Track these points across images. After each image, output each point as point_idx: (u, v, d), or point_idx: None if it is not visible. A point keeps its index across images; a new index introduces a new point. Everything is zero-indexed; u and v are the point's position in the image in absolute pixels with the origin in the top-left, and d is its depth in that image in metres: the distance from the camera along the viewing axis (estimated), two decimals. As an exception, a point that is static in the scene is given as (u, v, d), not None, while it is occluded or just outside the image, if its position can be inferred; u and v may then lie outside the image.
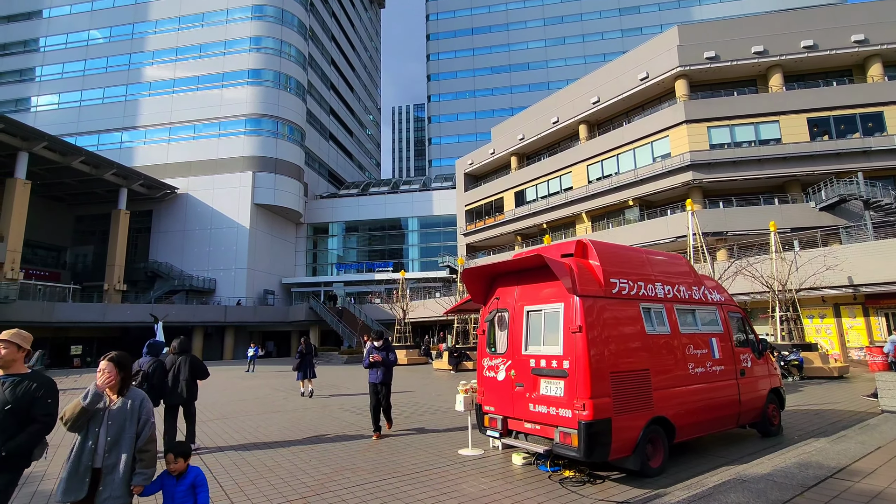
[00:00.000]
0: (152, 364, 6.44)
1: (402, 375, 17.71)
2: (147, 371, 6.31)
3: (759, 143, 28.52)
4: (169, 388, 6.47)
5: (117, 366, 3.06)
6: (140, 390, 3.22)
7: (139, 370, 6.32)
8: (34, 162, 33.25)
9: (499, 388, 5.29)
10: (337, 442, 6.86)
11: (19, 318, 29.93)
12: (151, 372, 6.33)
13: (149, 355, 6.64)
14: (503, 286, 5.54)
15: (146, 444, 3.02)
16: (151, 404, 3.20)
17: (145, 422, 3.07)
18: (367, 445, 6.49)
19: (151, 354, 6.67)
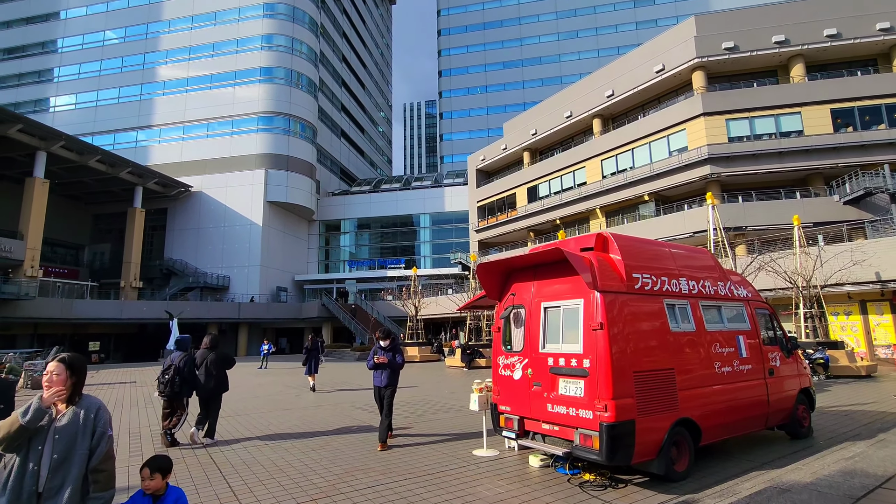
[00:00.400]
0: (183, 358, 6.78)
1: (415, 372, 17.59)
2: (178, 365, 6.67)
3: (779, 136, 27.76)
4: (202, 380, 6.85)
5: (69, 368, 2.54)
6: (96, 398, 2.67)
7: (171, 364, 6.69)
8: (52, 161, 33.77)
9: (515, 387, 5.09)
10: (349, 441, 6.72)
11: (40, 314, 30.53)
12: (182, 365, 6.69)
13: (178, 350, 6.98)
14: (519, 282, 5.33)
15: (101, 462, 2.45)
16: (109, 414, 2.67)
17: (101, 435, 2.50)
18: (379, 445, 6.34)
19: (180, 349, 6.97)
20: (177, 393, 6.55)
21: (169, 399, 6.58)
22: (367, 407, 9.61)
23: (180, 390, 6.58)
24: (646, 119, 32.41)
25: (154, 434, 7.41)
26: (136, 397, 11.93)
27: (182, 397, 6.67)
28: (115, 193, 41.62)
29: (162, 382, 6.57)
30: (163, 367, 6.73)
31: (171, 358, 6.79)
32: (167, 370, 6.56)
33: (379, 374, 6.49)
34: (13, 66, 51.42)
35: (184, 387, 6.62)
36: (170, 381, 6.48)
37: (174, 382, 6.50)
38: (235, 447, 6.47)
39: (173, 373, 6.53)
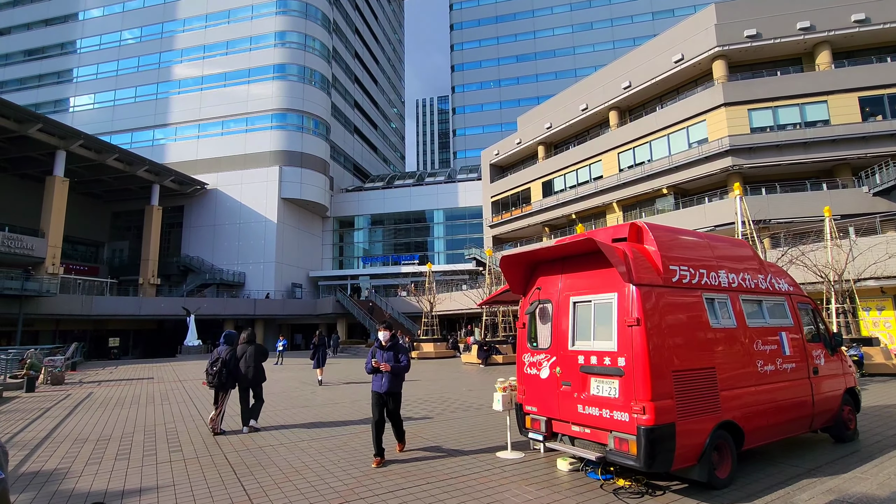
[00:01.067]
0: (229, 352, 7.30)
1: (432, 369, 17.40)
2: (225, 358, 7.20)
3: (804, 126, 26.88)
4: (241, 372, 7.43)
5: None
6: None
7: (218, 357, 7.20)
8: (71, 160, 34.26)
9: (542, 386, 4.81)
10: (367, 441, 6.51)
11: (61, 310, 31.06)
12: (228, 359, 7.24)
13: (225, 345, 7.41)
14: (545, 275, 5.04)
15: None
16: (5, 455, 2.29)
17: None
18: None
19: (228, 344, 7.43)
20: (223, 383, 7.13)
21: (217, 389, 7.18)
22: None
23: (226, 381, 7.16)
24: (664, 110, 31.68)
25: (168, 431, 7.30)
26: (153, 393, 11.92)
27: (227, 388, 7.22)
28: (133, 191, 42.16)
29: (210, 374, 7.13)
30: (210, 360, 7.25)
31: (217, 351, 7.29)
32: (215, 363, 7.13)
33: (379, 378, 5.50)
34: (33, 68, 52.35)
35: (230, 378, 7.20)
36: (217, 372, 7.07)
37: (221, 374, 7.09)
38: (251, 447, 6.31)
39: (220, 365, 7.10)
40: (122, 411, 9.15)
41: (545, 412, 4.77)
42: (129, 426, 7.65)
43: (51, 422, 7.51)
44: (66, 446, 6.35)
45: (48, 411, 9.27)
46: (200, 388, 12.83)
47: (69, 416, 8.75)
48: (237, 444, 6.50)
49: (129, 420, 8.14)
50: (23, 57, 52.90)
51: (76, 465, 5.43)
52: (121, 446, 6.31)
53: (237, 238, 43.65)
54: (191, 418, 8.27)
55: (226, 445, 6.39)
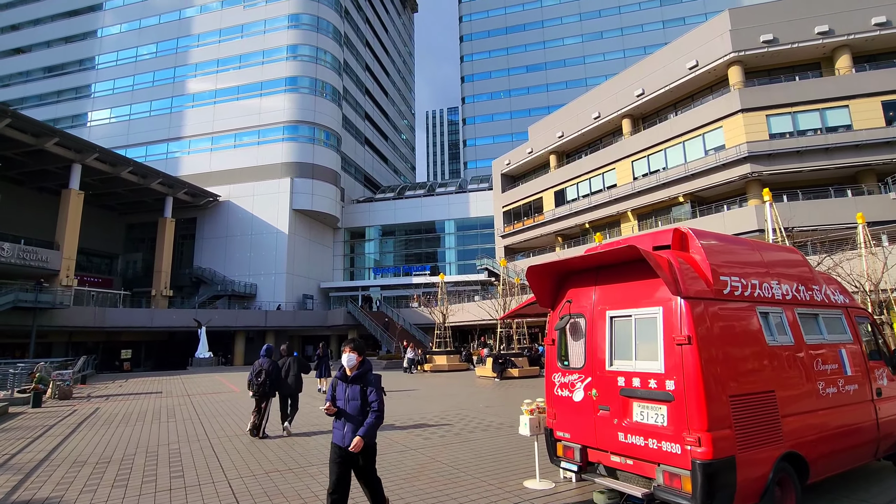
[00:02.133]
0: (271, 364, 8.02)
1: (446, 382, 16.90)
2: (268, 369, 7.90)
3: (826, 131, 26.21)
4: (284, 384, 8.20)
5: None
6: None
7: (261, 369, 7.88)
8: (87, 173, 34.61)
9: (576, 410, 4.35)
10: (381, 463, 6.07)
11: (73, 323, 31.11)
12: (270, 370, 7.95)
13: (266, 357, 8.10)
14: (576, 286, 4.60)
15: None
16: None
17: None
18: (415, 470, 5.65)
19: (268, 356, 8.13)
20: (266, 393, 7.83)
21: (260, 398, 7.83)
22: (399, 422, 8.95)
23: (269, 390, 7.86)
24: (679, 117, 31.19)
25: (171, 453, 6.92)
26: (159, 409, 11.59)
27: (270, 397, 7.91)
28: (146, 204, 42.50)
29: (255, 384, 7.81)
30: (254, 371, 7.93)
31: (259, 363, 7.99)
32: (258, 374, 7.82)
33: (340, 426, 3.88)
34: (53, 84, 53.44)
35: (272, 387, 7.90)
36: (262, 383, 7.77)
37: (265, 384, 7.79)
38: (257, 475, 5.88)
39: (264, 376, 7.80)
40: (126, 429, 8.81)
41: (579, 439, 4.30)
42: (132, 446, 7.28)
43: (51, 441, 7.19)
44: (62, 470, 5.99)
45: (51, 429, 8.96)
46: (207, 403, 12.49)
47: (72, 434, 8.43)
48: (242, 468, 6.09)
49: (132, 439, 7.78)
50: (42, 74, 54.08)
51: (70, 494, 5.06)
52: (120, 470, 5.94)
53: (249, 249, 43.71)
54: (195, 438, 7.89)
55: (230, 470, 5.98)
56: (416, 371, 22.57)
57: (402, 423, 8.79)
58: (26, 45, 55.05)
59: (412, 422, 8.93)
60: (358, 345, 4.08)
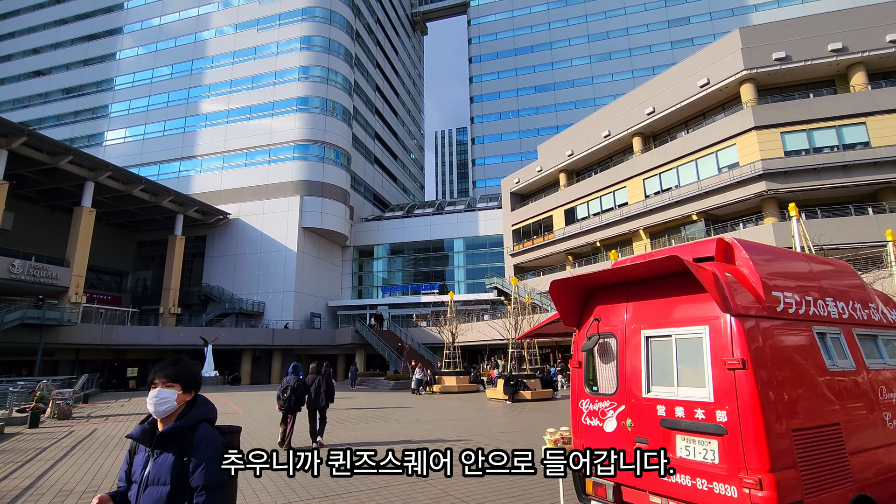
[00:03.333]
0: (296, 381, 8.84)
1: (455, 405, 16.29)
2: (293, 386, 8.70)
3: (843, 148, 25.75)
4: (312, 398, 8.98)
5: None
6: None
7: (287, 385, 8.69)
8: (99, 191, 34.92)
9: (608, 442, 3.88)
10: (389, 497, 5.58)
11: (81, 340, 30.94)
12: (296, 387, 8.76)
13: (292, 374, 8.95)
14: (605, 303, 4.18)
15: None
16: None
17: None
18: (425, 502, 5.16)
19: (294, 374, 8.97)
20: (292, 407, 8.59)
21: (286, 412, 8.58)
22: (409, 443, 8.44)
23: (295, 405, 8.64)
24: (691, 135, 30.90)
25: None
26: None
27: (296, 411, 8.67)
28: (157, 221, 42.76)
29: (282, 399, 8.61)
30: (281, 388, 8.76)
31: (286, 381, 8.79)
32: (285, 390, 8.64)
33: None
34: (70, 105, 54.65)
35: (297, 403, 8.69)
36: (288, 398, 8.55)
37: (291, 399, 8.56)
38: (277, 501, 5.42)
39: (290, 392, 8.57)
40: (121, 454, 8.38)
41: (612, 476, 3.82)
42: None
43: (41, 466, 6.78)
44: (45, 501, 5.58)
45: (43, 452, 8.57)
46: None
47: (63, 458, 8.02)
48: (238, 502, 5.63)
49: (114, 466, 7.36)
50: (61, 95, 55.36)
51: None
52: (108, 500, 5.51)
53: (257, 267, 43.63)
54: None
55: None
56: (425, 392, 21.95)
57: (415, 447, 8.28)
58: (46, 68, 56.55)
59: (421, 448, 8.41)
60: (181, 370, 2.17)
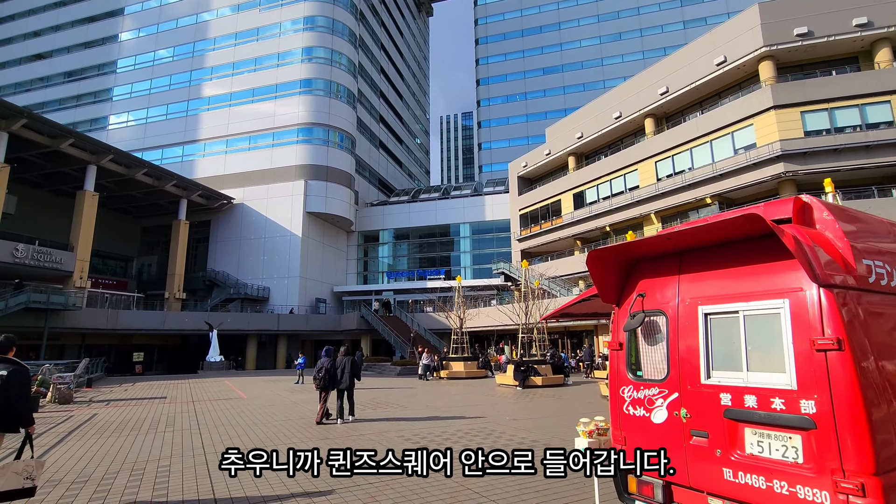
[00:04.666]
0: (330, 362, 9.77)
1: (464, 391, 15.89)
2: (327, 367, 9.65)
3: (865, 128, 24.81)
4: (339, 378, 9.72)
5: None
6: None
7: (322, 367, 9.70)
8: (102, 175, 34.54)
9: (656, 435, 3.36)
10: (402, 491, 5.13)
11: (86, 325, 30.83)
12: (329, 367, 9.67)
13: (326, 357, 9.94)
14: (652, 276, 3.62)
15: None
16: None
17: None
18: (445, 503, 4.70)
19: (327, 356, 9.95)
20: (325, 386, 9.62)
21: (321, 390, 9.67)
22: (419, 438, 8.01)
23: (328, 384, 9.60)
24: (706, 116, 29.94)
25: (160, 471, 6.07)
26: (159, 417, 10.80)
27: (329, 389, 9.67)
28: (161, 206, 42.41)
29: (317, 378, 9.70)
30: (316, 369, 9.88)
31: (321, 363, 9.84)
32: (319, 370, 9.70)
33: None
34: (72, 88, 54.05)
35: (330, 382, 9.62)
36: (322, 377, 9.58)
37: (325, 379, 9.58)
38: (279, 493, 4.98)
39: (324, 373, 9.58)
40: (118, 441, 8.00)
41: (661, 473, 3.31)
42: (118, 462, 6.44)
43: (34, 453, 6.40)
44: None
45: (39, 437, 8.20)
46: (211, 411, 11.69)
47: (58, 445, 7.66)
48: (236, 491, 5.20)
49: (119, 453, 6.96)
50: (62, 78, 54.74)
51: None
52: (96, 492, 5.09)
53: (262, 252, 43.30)
54: (190, 453, 7.02)
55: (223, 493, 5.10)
56: (432, 378, 21.60)
57: (423, 439, 7.84)
58: (47, 51, 55.86)
59: (433, 436, 7.96)
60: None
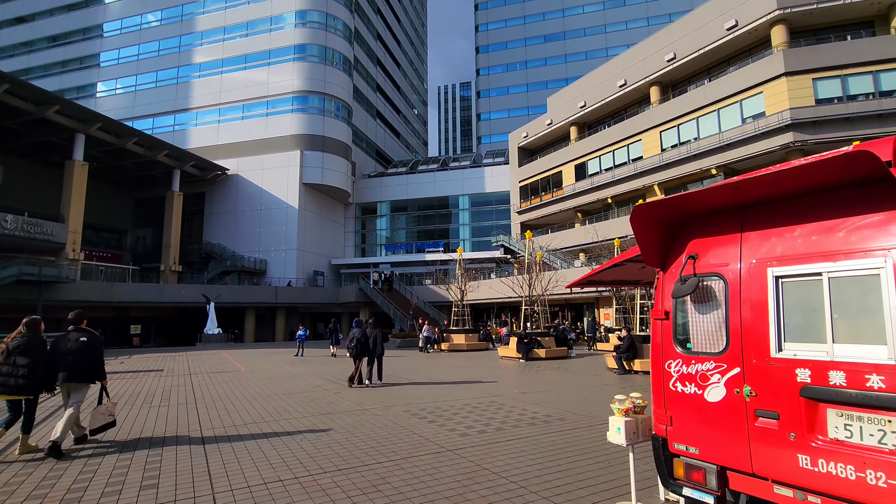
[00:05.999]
0: (361, 333, 10.73)
1: (467, 363, 15.66)
2: (359, 337, 10.63)
3: (879, 96, 24.06)
4: (370, 347, 10.81)
5: None
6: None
7: (354, 336, 10.68)
8: (92, 145, 33.51)
9: (710, 414, 2.94)
10: (413, 472, 4.77)
11: (81, 297, 30.38)
12: (361, 337, 10.66)
13: (357, 328, 10.87)
14: (706, 234, 3.15)
15: None
16: None
17: None
18: (460, 484, 4.34)
19: (359, 327, 10.91)
20: (357, 354, 10.59)
21: (354, 357, 10.63)
22: (426, 412, 7.69)
23: (360, 353, 10.59)
24: (714, 83, 29.02)
25: (153, 446, 5.70)
26: (154, 390, 10.47)
27: (360, 357, 10.65)
28: (154, 178, 41.46)
29: (350, 348, 10.72)
30: (348, 339, 10.96)
31: (352, 333, 10.84)
32: (351, 340, 10.69)
33: None
34: (57, 54, 52.09)
35: (362, 351, 10.62)
36: (354, 347, 10.55)
37: (357, 348, 10.54)
38: (254, 484, 4.61)
39: (355, 342, 10.56)
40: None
41: (716, 457, 2.91)
42: (104, 443, 6.07)
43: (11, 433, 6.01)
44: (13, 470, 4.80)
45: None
46: (208, 384, 11.38)
47: (40, 424, 7.29)
48: (235, 475, 4.83)
49: (109, 431, 6.59)
50: (46, 43, 52.68)
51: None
52: (76, 482, 4.71)
53: (258, 225, 42.63)
54: (186, 430, 6.67)
55: (218, 479, 4.73)
56: (433, 350, 21.42)
57: (430, 414, 7.51)
58: (28, 14, 53.56)
59: (441, 411, 7.64)
60: None
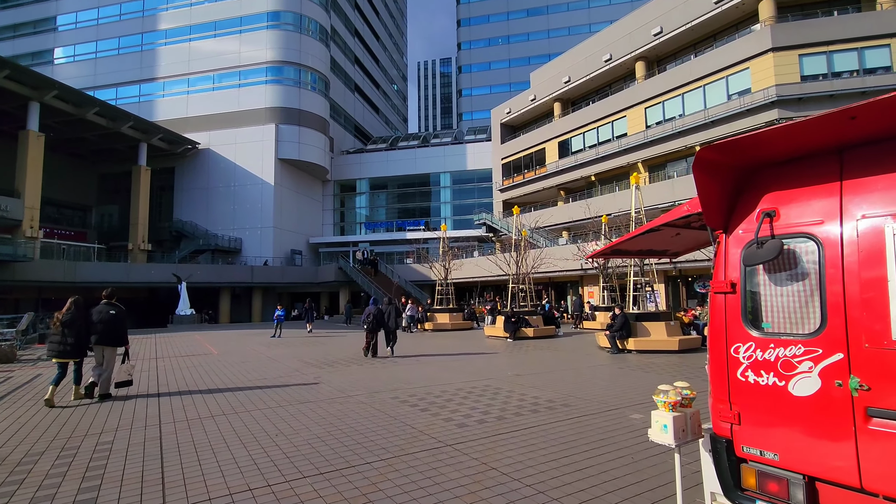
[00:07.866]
0: (377, 309, 11.80)
1: (454, 344, 15.11)
2: (374, 313, 11.63)
3: (863, 73, 23.99)
4: (385, 322, 11.86)
5: None
6: None
7: (370, 313, 11.67)
8: (48, 115, 31.24)
9: (797, 411, 2.33)
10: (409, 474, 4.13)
11: (40, 277, 28.69)
12: (376, 313, 11.68)
13: (373, 305, 12.06)
14: (788, 185, 2.50)
15: None
16: None
17: None
18: (465, 491, 3.72)
19: (374, 304, 12.21)
20: (373, 329, 11.52)
21: (369, 332, 11.52)
22: (414, 399, 7.05)
23: (375, 328, 11.55)
24: (700, 58, 28.59)
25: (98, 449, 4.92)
26: (119, 376, 9.55)
27: (376, 332, 11.61)
28: (119, 151, 39.20)
29: (366, 323, 11.57)
30: (364, 315, 11.88)
31: (368, 310, 11.79)
32: (368, 316, 11.63)
33: None
34: (7, 16, 48.33)
35: (378, 326, 11.61)
36: (370, 322, 11.46)
37: (372, 323, 11.48)
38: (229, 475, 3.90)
39: (372, 318, 11.49)
40: (54, 409, 6.79)
41: (802, 465, 2.31)
42: (46, 438, 5.23)
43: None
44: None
45: (-39, 405, 6.91)
46: (176, 369, 10.51)
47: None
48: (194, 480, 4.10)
49: (52, 426, 5.74)
50: (-4, 5, 48.76)
51: None
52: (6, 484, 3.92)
53: (232, 202, 40.93)
54: (142, 425, 5.87)
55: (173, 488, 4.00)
56: (417, 330, 20.84)
57: (421, 401, 6.87)
58: (-28, -29, 49.35)
59: (432, 398, 7.00)
60: None
